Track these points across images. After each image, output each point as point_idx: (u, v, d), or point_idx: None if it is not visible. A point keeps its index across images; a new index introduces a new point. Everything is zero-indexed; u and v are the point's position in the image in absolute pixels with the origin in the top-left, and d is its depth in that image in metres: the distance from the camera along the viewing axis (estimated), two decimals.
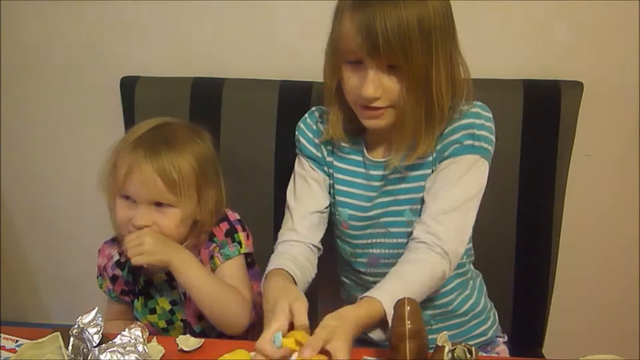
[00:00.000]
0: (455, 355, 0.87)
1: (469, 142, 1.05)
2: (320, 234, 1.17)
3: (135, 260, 1.07)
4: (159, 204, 1.10)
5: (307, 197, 1.17)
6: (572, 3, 1.31)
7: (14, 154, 1.69)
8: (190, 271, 1.10)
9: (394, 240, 1.13)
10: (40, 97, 1.60)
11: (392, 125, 1.06)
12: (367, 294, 0.96)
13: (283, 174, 1.35)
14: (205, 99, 1.37)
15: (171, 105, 1.28)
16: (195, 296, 1.11)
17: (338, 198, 1.16)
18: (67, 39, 1.52)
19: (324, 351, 0.84)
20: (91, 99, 1.57)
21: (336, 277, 1.28)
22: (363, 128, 1.11)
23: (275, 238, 1.20)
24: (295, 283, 1.03)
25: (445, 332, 0.89)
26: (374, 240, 1.15)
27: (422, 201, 1.09)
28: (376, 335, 0.97)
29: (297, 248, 1.12)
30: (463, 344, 0.87)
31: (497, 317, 1.26)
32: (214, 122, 1.34)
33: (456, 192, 1.05)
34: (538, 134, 1.28)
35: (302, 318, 0.90)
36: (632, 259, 1.51)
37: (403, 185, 1.11)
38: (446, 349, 0.86)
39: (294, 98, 1.34)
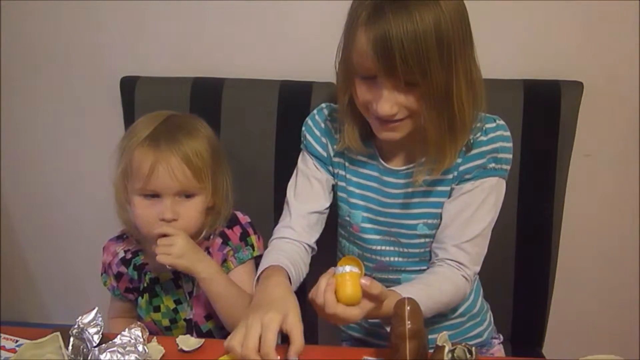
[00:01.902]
0: (455, 355, 0.87)
1: (492, 165, 1.06)
2: (316, 235, 1.15)
3: (160, 258, 1.08)
4: (183, 195, 1.11)
5: (308, 195, 1.16)
6: (572, 3, 1.31)
7: (14, 153, 1.69)
8: (216, 281, 1.11)
9: (405, 250, 1.13)
10: (41, 97, 1.60)
11: (410, 136, 1.02)
12: (390, 289, 0.96)
13: (283, 174, 1.34)
14: (205, 99, 1.37)
15: (171, 105, 1.28)
16: (218, 306, 1.12)
17: (351, 200, 1.14)
18: (67, 39, 1.52)
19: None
20: (91, 99, 1.57)
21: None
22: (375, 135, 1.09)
23: None
24: (290, 282, 1.02)
25: (445, 332, 0.89)
26: (384, 248, 1.14)
27: (439, 217, 1.09)
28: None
29: (291, 246, 1.11)
30: (463, 344, 0.87)
31: (492, 319, 1.26)
32: (214, 122, 1.33)
33: (478, 219, 1.06)
34: (538, 134, 1.27)
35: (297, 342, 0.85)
36: (632, 259, 1.51)
37: (420, 200, 1.10)
38: (446, 349, 0.86)
39: (294, 98, 1.34)
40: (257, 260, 1.21)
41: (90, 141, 1.61)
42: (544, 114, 1.27)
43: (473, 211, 1.06)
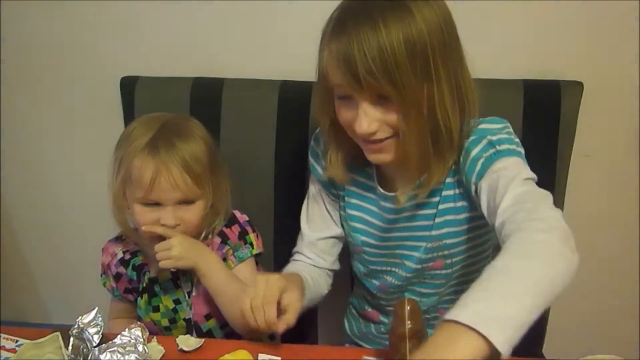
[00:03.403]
0: None
1: (491, 151, 0.93)
2: (332, 258, 1.17)
3: (162, 264, 1.10)
4: (184, 202, 1.11)
5: (318, 221, 1.16)
6: (571, 3, 1.31)
7: (14, 154, 1.69)
8: (216, 276, 1.12)
9: (408, 274, 1.10)
10: (41, 97, 1.60)
11: (406, 158, 0.95)
12: (450, 316, 0.67)
13: (283, 174, 1.35)
14: (205, 99, 1.37)
15: (171, 105, 1.28)
16: (219, 300, 1.13)
17: (350, 223, 1.12)
18: (67, 39, 1.52)
19: None
20: (91, 99, 1.57)
21: (337, 281, 1.26)
22: None
23: (276, 238, 1.20)
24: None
25: None
26: (388, 268, 1.12)
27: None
28: None
29: (310, 267, 1.14)
30: None
31: None
32: (214, 122, 1.34)
33: (512, 175, 0.87)
34: (538, 134, 1.27)
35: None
36: (632, 259, 1.51)
37: (422, 222, 1.05)
38: None
39: (294, 98, 1.34)
40: (257, 258, 1.22)
41: (90, 141, 1.61)
42: (544, 114, 1.27)
43: (503, 183, 0.86)
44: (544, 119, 1.27)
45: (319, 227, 1.15)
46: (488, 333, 0.64)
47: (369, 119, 0.90)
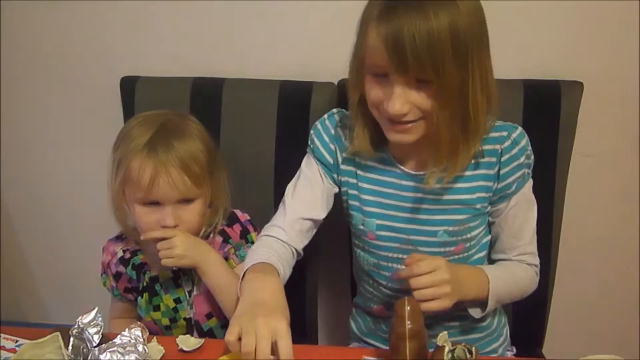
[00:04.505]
0: (455, 355, 0.87)
1: (528, 171, 1.08)
2: (305, 241, 1.13)
3: (165, 262, 1.11)
4: (183, 201, 1.12)
5: (306, 200, 1.13)
6: (572, 3, 1.31)
7: (13, 153, 1.69)
8: (216, 274, 1.12)
9: None
10: (40, 97, 1.60)
11: (423, 139, 0.99)
12: (479, 266, 1.08)
13: (283, 174, 1.34)
14: (205, 99, 1.37)
15: (171, 105, 1.28)
16: (219, 298, 1.13)
17: (365, 208, 1.11)
18: (67, 39, 1.52)
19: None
20: (91, 99, 1.57)
21: (337, 281, 1.26)
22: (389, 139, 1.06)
23: None
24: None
25: (445, 332, 0.88)
26: (400, 255, 1.10)
27: (461, 223, 1.07)
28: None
29: (281, 247, 1.08)
30: (463, 344, 0.87)
31: (508, 333, 1.24)
32: (214, 122, 1.34)
33: (529, 219, 1.11)
34: (538, 134, 1.27)
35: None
36: (632, 259, 1.51)
37: (443, 207, 1.07)
38: (446, 349, 0.86)
39: (294, 98, 1.34)
40: None
41: (90, 141, 1.61)
42: (544, 114, 1.27)
43: (528, 217, 1.11)
44: (544, 119, 1.27)
45: (304, 206, 1.12)
46: (491, 294, 1.05)
47: (402, 100, 0.93)
